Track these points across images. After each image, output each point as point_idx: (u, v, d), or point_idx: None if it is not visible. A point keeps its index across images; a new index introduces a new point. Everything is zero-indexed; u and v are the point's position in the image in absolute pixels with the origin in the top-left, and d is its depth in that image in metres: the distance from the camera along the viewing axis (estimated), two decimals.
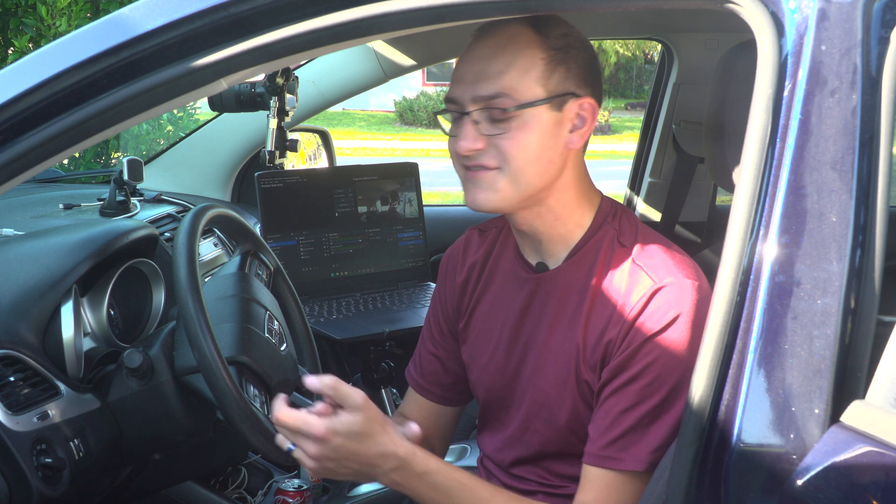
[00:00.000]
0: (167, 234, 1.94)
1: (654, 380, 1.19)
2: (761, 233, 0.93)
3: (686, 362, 1.16)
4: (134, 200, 2.16)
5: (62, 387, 1.34)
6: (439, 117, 1.33)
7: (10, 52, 4.06)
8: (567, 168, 1.28)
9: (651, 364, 1.19)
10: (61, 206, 2.17)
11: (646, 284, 1.22)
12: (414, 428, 1.24)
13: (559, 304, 1.30)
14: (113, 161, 4.25)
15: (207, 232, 2.12)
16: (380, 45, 2.36)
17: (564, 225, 1.30)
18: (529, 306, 1.34)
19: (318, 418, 1.14)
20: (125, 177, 2.08)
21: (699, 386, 0.94)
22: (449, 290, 1.47)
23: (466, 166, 1.26)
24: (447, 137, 1.29)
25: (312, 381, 1.18)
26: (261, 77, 2.28)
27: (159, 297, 1.72)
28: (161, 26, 1.06)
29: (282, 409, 1.17)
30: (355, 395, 1.16)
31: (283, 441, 1.19)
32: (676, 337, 1.19)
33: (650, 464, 1.19)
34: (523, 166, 1.23)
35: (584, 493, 1.23)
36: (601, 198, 1.33)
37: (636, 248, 1.26)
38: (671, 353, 1.19)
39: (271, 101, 2.29)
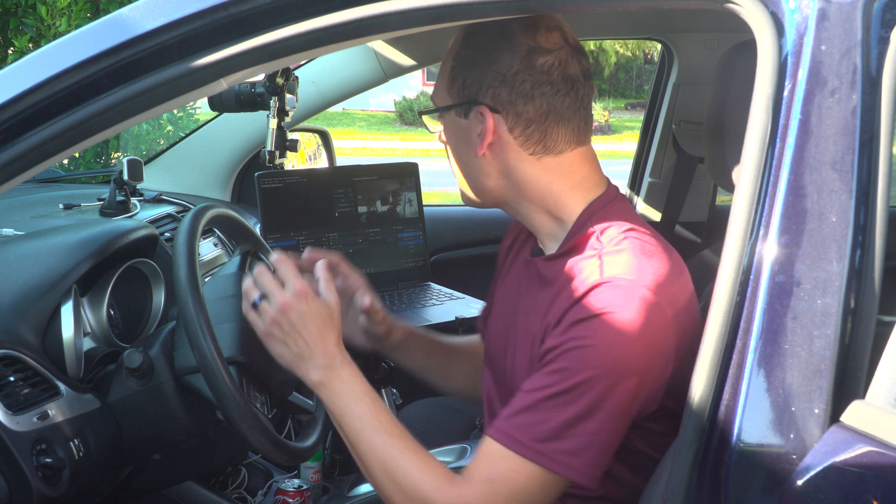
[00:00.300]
0: (167, 234, 1.94)
1: (565, 368, 1.15)
2: (761, 233, 0.93)
3: (604, 363, 1.13)
4: (134, 200, 2.16)
5: (62, 387, 1.34)
6: None
7: (10, 52, 4.06)
8: (512, 174, 1.27)
9: (566, 351, 1.15)
10: (61, 206, 2.17)
11: (594, 277, 1.18)
12: (366, 300, 1.48)
13: (536, 293, 1.31)
14: (113, 161, 4.25)
15: (207, 232, 2.12)
16: (380, 45, 2.36)
17: (541, 220, 1.31)
18: (523, 289, 1.36)
19: (304, 281, 1.27)
20: (125, 177, 2.08)
21: (699, 386, 0.94)
22: (500, 253, 1.53)
23: None
24: None
25: (314, 256, 1.39)
26: (261, 77, 2.28)
27: (159, 297, 1.72)
28: (161, 26, 1.06)
29: (285, 256, 1.30)
30: (335, 294, 1.30)
31: (251, 291, 1.29)
32: (600, 333, 1.14)
33: (536, 453, 1.14)
34: (453, 165, 1.34)
35: (471, 459, 1.20)
36: (599, 193, 1.30)
37: (611, 245, 1.23)
38: (589, 347, 1.14)
39: (271, 101, 2.29)
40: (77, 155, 4.05)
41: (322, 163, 2.87)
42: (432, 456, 1.23)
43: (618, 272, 1.17)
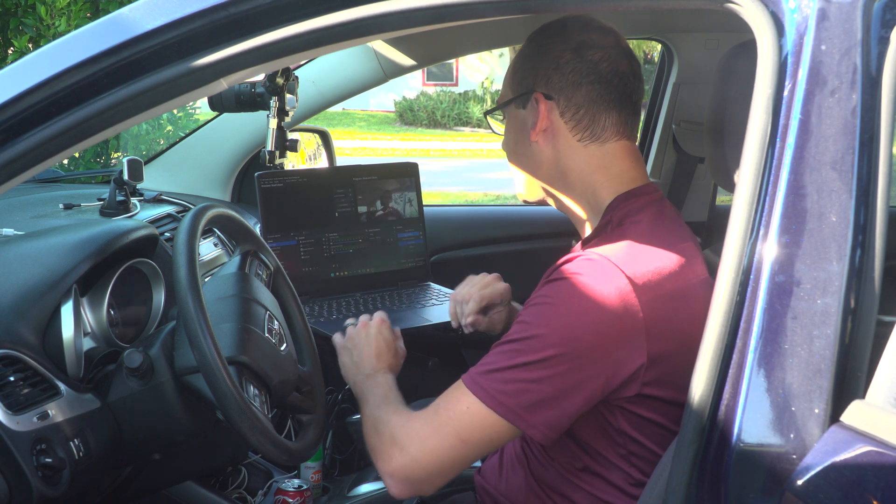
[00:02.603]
0: (167, 234, 1.94)
1: (525, 321, 1.23)
2: (761, 233, 0.93)
3: (556, 323, 1.19)
4: (134, 200, 2.15)
5: (62, 387, 1.34)
6: None
7: (10, 52, 4.06)
8: (560, 161, 1.35)
9: (531, 306, 1.24)
10: (61, 206, 2.16)
11: (577, 251, 1.27)
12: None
13: None
14: (113, 161, 4.24)
15: (207, 232, 2.12)
16: (380, 45, 2.36)
17: (582, 210, 1.38)
18: None
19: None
20: (125, 177, 2.08)
21: (699, 386, 0.94)
22: None
23: None
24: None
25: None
26: (261, 77, 2.28)
27: (159, 297, 1.72)
28: (161, 26, 1.06)
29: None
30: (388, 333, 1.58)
31: (349, 320, 1.63)
32: (559, 295, 1.21)
33: (477, 386, 1.22)
34: (510, 159, 1.44)
35: None
36: (633, 188, 1.34)
37: (617, 234, 1.28)
38: (547, 305, 1.22)
39: (271, 101, 2.29)
40: (77, 155, 4.05)
41: (322, 163, 2.87)
42: (407, 407, 1.36)
43: (600, 252, 1.24)
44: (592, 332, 1.18)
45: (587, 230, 1.38)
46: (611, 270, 1.20)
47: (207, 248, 2.08)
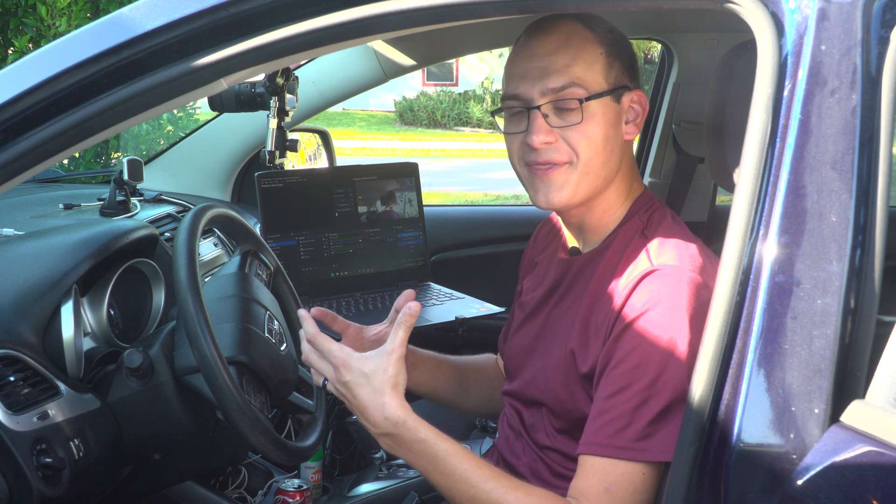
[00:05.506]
0: (167, 234, 1.94)
1: (638, 364, 1.17)
2: (761, 233, 0.93)
3: (669, 349, 1.15)
4: (134, 200, 2.16)
5: (62, 387, 1.34)
6: (496, 117, 1.38)
7: (10, 52, 4.06)
8: (622, 159, 1.33)
9: (633, 348, 1.18)
10: (61, 206, 2.17)
11: (641, 269, 1.23)
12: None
13: (576, 288, 1.35)
14: (113, 161, 4.25)
15: (207, 232, 2.12)
16: (380, 45, 2.36)
17: (607, 215, 1.35)
18: (557, 287, 1.39)
19: (340, 349, 1.22)
20: (125, 177, 2.08)
21: (699, 386, 0.94)
22: (521, 268, 1.58)
23: (534, 164, 1.30)
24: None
25: (408, 300, 1.30)
26: (261, 77, 2.28)
27: (159, 297, 1.72)
28: (161, 26, 1.06)
29: (314, 332, 1.25)
30: (391, 344, 1.20)
31: (317, 377, 1.28)
32: (658, 322, 1.17)
33: (639, 451, 1.15)
34: (591, 157, 1.28)
35: (576, 479, 1.20)
36: (643, 190, 1.37)
37: (655, 239, 1.27)
38: (652, 338, 1.17)
39: (271, 101, 2.29)
40: (77, 155, 4.05)
41: (322, 163, 2.87)
42: (533, 486, 1.21)
43: (664, 261, 1.22)
44: (694, 341, 1.13)
45: (596, 233, 1.36)
46: (691, 279, 1.19)
47: (207, 248, 2.08)
